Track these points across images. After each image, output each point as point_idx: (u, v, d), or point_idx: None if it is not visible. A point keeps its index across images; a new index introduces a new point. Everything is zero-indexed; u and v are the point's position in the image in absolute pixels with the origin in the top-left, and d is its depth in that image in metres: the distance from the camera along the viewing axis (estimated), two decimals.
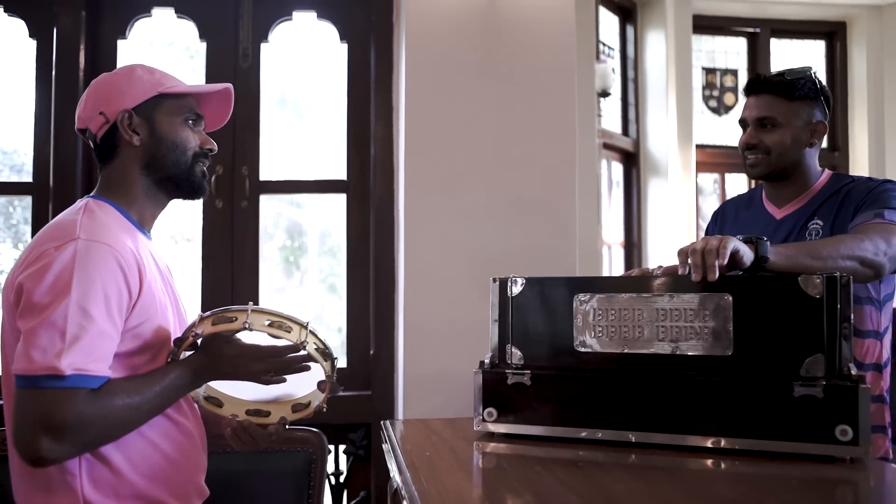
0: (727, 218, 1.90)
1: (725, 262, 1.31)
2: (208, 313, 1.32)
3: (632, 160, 5.17)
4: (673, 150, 5.08)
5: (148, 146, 1.39)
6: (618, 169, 5.13)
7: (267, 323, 1.31)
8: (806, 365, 1.24)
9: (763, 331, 1.27)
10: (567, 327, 1.41)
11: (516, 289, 1.46)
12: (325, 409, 1.50)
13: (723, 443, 1.28)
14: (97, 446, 1.26)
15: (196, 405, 1.48)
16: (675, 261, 1.40)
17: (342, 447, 2.64)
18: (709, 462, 1.25)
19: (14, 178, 2.80)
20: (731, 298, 1.29)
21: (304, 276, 3.20)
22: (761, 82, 1.73)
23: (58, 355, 1.16)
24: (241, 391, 1.49)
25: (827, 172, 1.79)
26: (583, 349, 1.39)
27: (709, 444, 1.29)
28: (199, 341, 1.32)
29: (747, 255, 1.36)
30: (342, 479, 2.63)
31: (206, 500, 1.50)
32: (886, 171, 5.42)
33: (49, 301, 1.19)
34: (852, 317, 1.27)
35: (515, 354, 1.45)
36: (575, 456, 1.30)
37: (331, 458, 2.62)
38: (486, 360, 1.48)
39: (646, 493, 1.09)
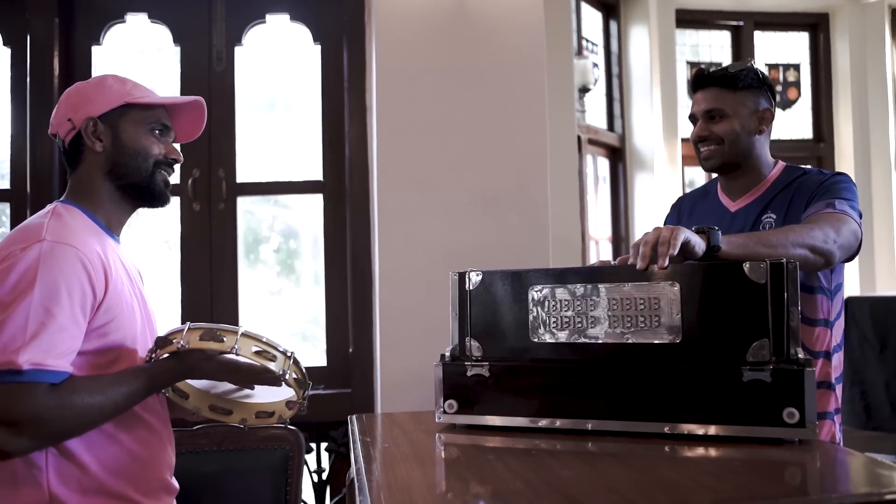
0: (684, 210, 1.92)
1: (676, 251, 1.32)
2: (198, 326, 1.35)
3: (618, 155, 5.19)
4: (659, 145, 5.10)
5: (110, 153, 1.43)
6: (604, 164, 5.15)
7: (254, 350, 1.34)
8: (752, 350, 1.25)
9: (710, 318, 1.29)
10: (523, 319, 1.43)
11: (473, 282, 1.48)
12: (287, 423, 1.54)
13: (677, 429, 1.30)
14: (58, 441, 1.28)
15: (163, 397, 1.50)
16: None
17: (324, 445, 2.67)
18: (663, 448, 1.27)
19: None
20: (678, 287, 1.31)
21: (298, 277, 3.22)
22: (706, 77, 1.77)
23: (16, 351, 1.20)
24: (208, 385, 1.52)
25: (780, 164, 1.82)
26: (538, 340, 1.41)
27: (665, 430, 1.31)
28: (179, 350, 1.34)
29: (699, 245, 1.38)
30: (324, 476, 2.65)
31: (181, 498, 1.53)
32: (871, 162, 5.45)
33: (12, 299, 1.23)
34: (800, 305, 1.29)
35: (474, 347, 1.47)
36: (532, 445, 1.32)
37: (313, 455, 2.65)
38: (447, 354, 1.50)
39: (591, 477, 1.11)
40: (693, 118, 1.80)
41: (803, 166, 1.82)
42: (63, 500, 1.29)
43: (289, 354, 1.39)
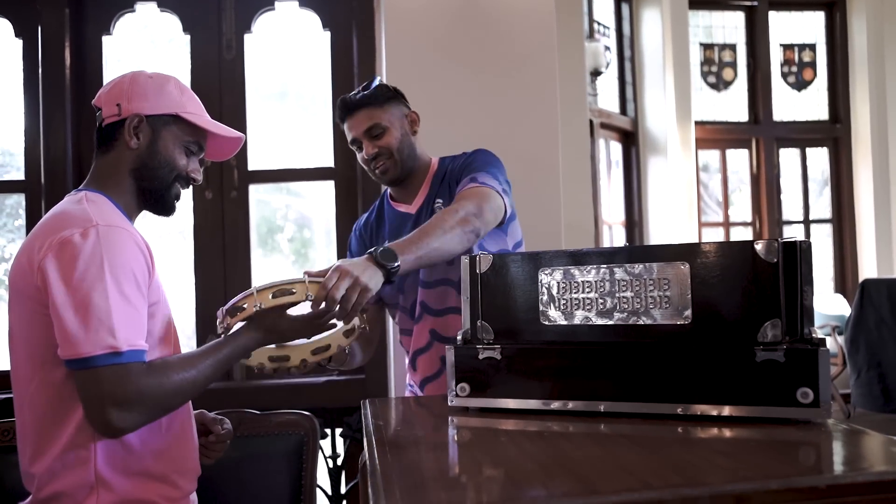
0: (368, 235, 2.02)
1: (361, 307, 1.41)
2: (264, 286, 1.41)
3: (630, 139, 5.16)
4: (672, 128, 5.06)
5: (142, 153, 1.44)
6: (616, 148, 5.13)
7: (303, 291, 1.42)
8: (764, 330, 1.25)
9: (722, 298, 1.28)
10: (534, 301, 1.42)
11: (484, 265, 1.48)
12: (347, 352, 1.61)
13: (690, 409, 1.30)
14: (161, 415, 1.34)
15: None
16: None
17: (338, 430, 2.68)
18: (676, 429, 1.26)
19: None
20: (688, 267, 1.30)
21: (312, 266, 3.21)
22: (352, 102, 1.87)
23: (111, 334, 1.23)
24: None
25: (435, 159, 1.98)
26: (549, 322, 1.41)
27: (678, 411, 1.31)
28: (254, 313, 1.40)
29: (376, 283, 1.45)
30: (339, 461, 2.67)
31: (198, 481, 1.55)
32: (889, 143, 5.38)
33: (88, 285, 1.25)
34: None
35: (486, 330, 1.47)
36: (544, 427, 1.31)
37: (328, 441, 2.66)
38: (459, 337, 1.50)
39: (603, 458, 1.11)
40: (356, 143, 1.89)
41: (451, 155, 1.97)
42: (108, 481, 1.32)
43: None
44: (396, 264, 1.48)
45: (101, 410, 1.23)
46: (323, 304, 1.40)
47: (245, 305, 1.40)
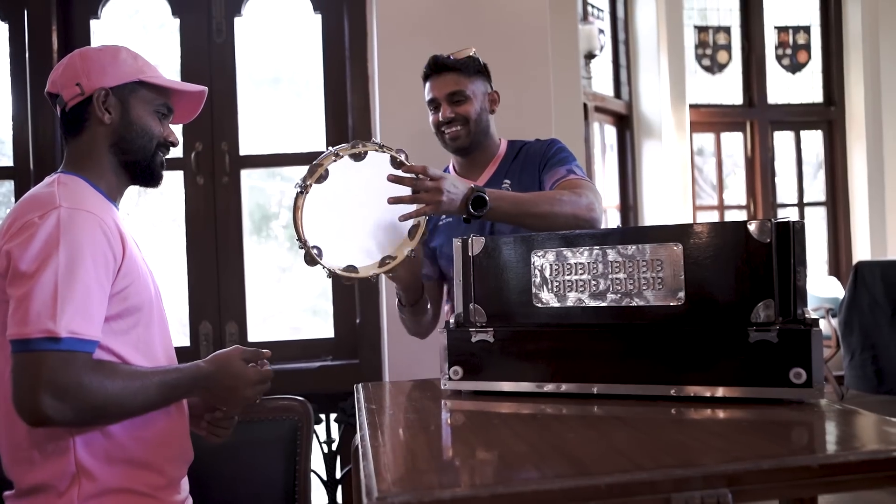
0: None
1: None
2: (341, 146, 1.55)
3: (625, 122, 5.14)
4: (666, 111, 5.05)
5: (118, 127, 1.42)
6: (611, 132, 5.11)
7: (394, 150, 1.60)
8: (757, 310, 1.24)
9: (715, 278, 1.28)
10: (526, 284, 1.42)
11: (477, 248, 1.47)
12: (414, 256, 1.63)
13: (683, 391, 1.29)
14: (92, 420, 1.28)
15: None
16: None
17: (333, 416, 2.68)
18: (669, 410, 1.26)
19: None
20: (681, 248, 1.29)
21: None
22: (441, 64, 1.88)
23: (52, 318, 1.19)
24: (337, 256, 1.59)
25: (504, 140, 1.99)
26: (542, 305, 1.40)
27: (671, 392, 1.30)
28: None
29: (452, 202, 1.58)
30: (334, 446, 2.67)
31: (190, 469, 1.53)
32: (883, 126, 5.37)
33: (38, 267, 1.22)
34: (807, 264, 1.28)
35: (479, 313, 1.46)
36: (537, 410, 1.31)
37: (323, 427, 2.66)
38: (452, 320, 1.49)
39: (596, 440, 1.11)
40: (434, 102, 1.89)
41: (521, 140, 2.00)
42: (90, 470, 1.29)
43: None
44: (479, 214, 1.60)
45: (34, 394, 1.18)
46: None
47: (323, 163, 1.50)
